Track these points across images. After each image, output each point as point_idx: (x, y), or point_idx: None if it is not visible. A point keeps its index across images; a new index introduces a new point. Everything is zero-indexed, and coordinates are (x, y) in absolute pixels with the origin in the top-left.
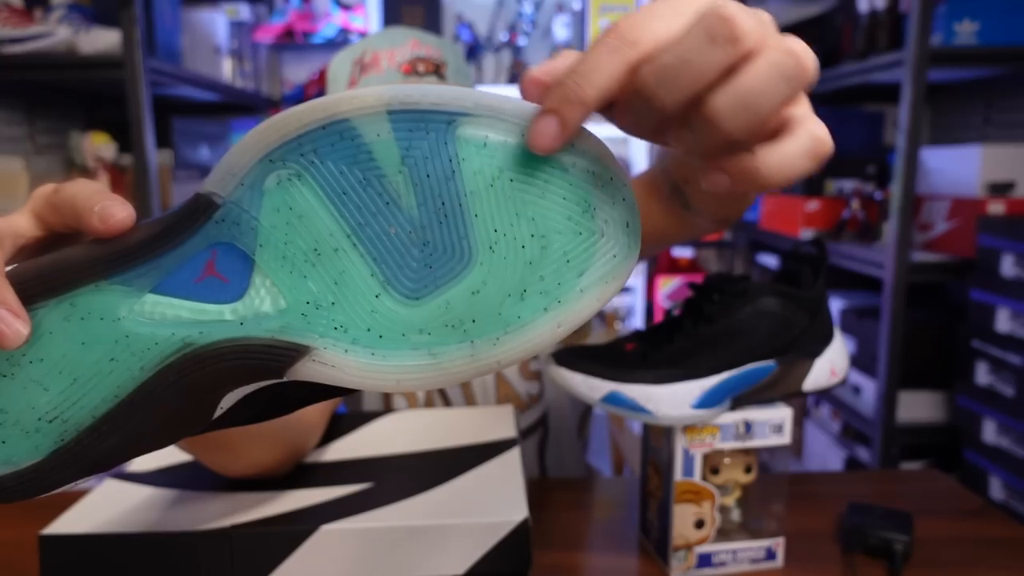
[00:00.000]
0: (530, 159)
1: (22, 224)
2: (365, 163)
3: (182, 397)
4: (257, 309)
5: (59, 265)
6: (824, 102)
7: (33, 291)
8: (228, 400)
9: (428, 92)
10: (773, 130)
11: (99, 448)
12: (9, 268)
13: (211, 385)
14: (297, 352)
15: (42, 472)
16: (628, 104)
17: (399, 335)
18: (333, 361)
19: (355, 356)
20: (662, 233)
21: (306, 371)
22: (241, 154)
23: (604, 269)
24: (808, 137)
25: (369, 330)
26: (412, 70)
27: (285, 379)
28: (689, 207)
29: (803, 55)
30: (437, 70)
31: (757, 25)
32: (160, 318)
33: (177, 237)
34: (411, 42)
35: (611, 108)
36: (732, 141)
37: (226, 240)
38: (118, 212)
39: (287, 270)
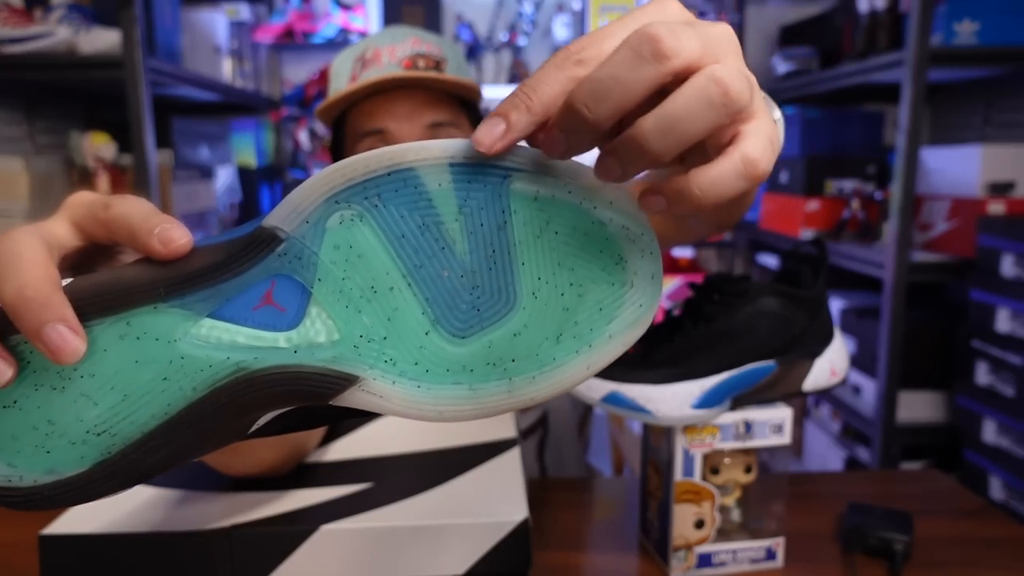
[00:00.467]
0: (573, 214)
1: (62, 234)
2: (425, 209)
3: (228, 416)
4: (311, 339)
5: (118, 285)
6: (824, 102)
7: (90, 308)
8: (266, 418)
9: None
10: (714, 148)
11: (144, 462)
12: (65, 283)
13: (258, 407)
14: (347, 381)
15: (84, 482)
16: (564, 122)
17: (444, 370)
18: (381, 392)
19: (401, 388)
20: (662, 237)
21: (353, 399)
22: (308, 193)
23: (631, 317)
24: (740, 159)
25: (416, 364)
26: (413, 65)
27: (333, 406)
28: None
29: (730, 83)
30: (437, 66)
31: (693, 44)
32: (216, 342)
33: (239, 266)
34: (412, 39)
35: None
36: (659, 163)
37: (286, 272)
38: (179, 236)
39: (343, 304)
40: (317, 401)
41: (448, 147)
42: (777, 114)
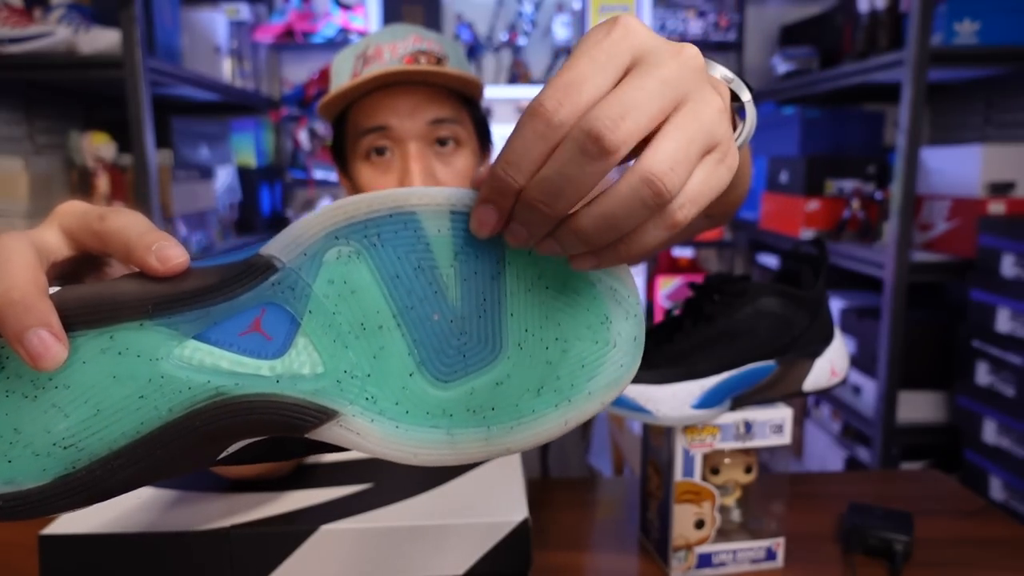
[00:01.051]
0: (564, 271)
1: (53, 242)
2: (422, 253)
3: (200, 441)
4: (295, 370)
5: (107, 297)
6: (824, 102)
7: (75, 318)
8: (237, 446)
9: None
10: None
11: (107, 480)
12: (52, 291)
13: (232, 434)
14: (326, 416)
15: (44, 496)
16: (523, 216)
17: (424, 413)
18: (358, 429)
19: (380, 426)
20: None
21: (330, 434)
22: (309, 227)
23: (611, 376)
24: (638, 178)
25: (397, 404)
26: (414, 61)
27: (305, 437)
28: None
29: (663, 180)
30: (439, 63)
31: (640, 123)
32: (198, 364)
33: (231, 291)
34: (413, 37)
35: None
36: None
37: (278, 301)
38: (177, 255)
39: (331, 338)
40: (293, 433)
41: (451, 195)
42: (746, 96)
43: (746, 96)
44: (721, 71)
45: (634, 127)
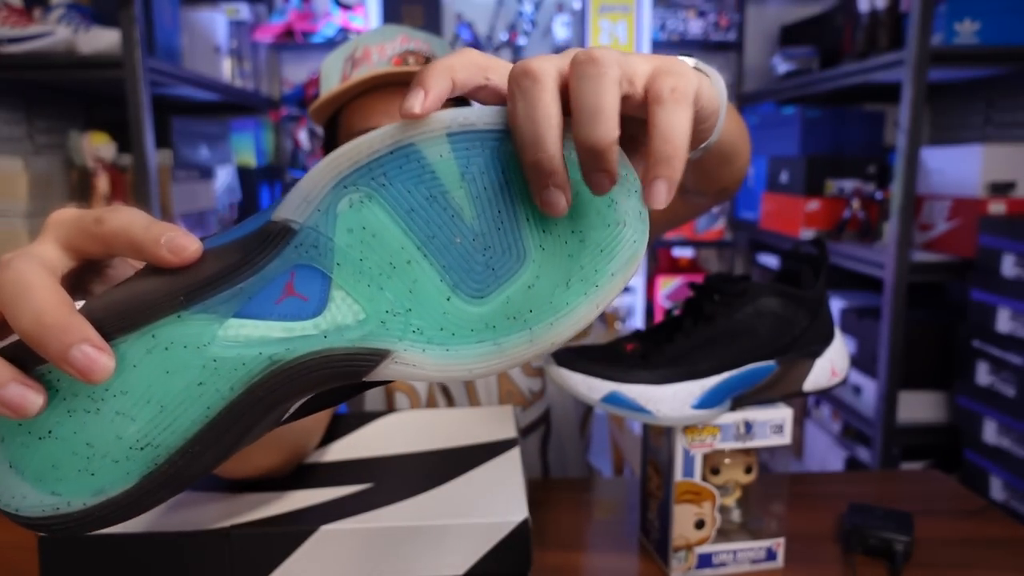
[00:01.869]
0: (567, 165)
1: (53, 256)
2: (430, 182)
3: (266, 408)
4: (338, 322)
5: (135, 299)
6: (824, 102)
7: (111, 327)
8: (300, 401)
9: (482, 113)
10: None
11: (191, 467)
12: (78, 306)
13: (295, 394)
14: (380, 356)
15: (135, 497)
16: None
17: (468, 331)
18: (413, 361)
19: (432, 354)
20: (674, 213)
21: (388, 372)
22: (316, 182)
23: (628, 253)
24: (658, 97)
25: (442, 329)
26: (403, 62)
27: (365, 381)
28: (685, 188)
29: (593, 53)
30: (427, 62)
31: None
32: (245, 340)
33: (257, 263)
34: (401, 37)
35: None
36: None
37: (304, 262)
38: (189, 243)
39: (364, 284)
40: (352, 379)
41: (444, 118)
42: (710, 71)
43: (691, 62)
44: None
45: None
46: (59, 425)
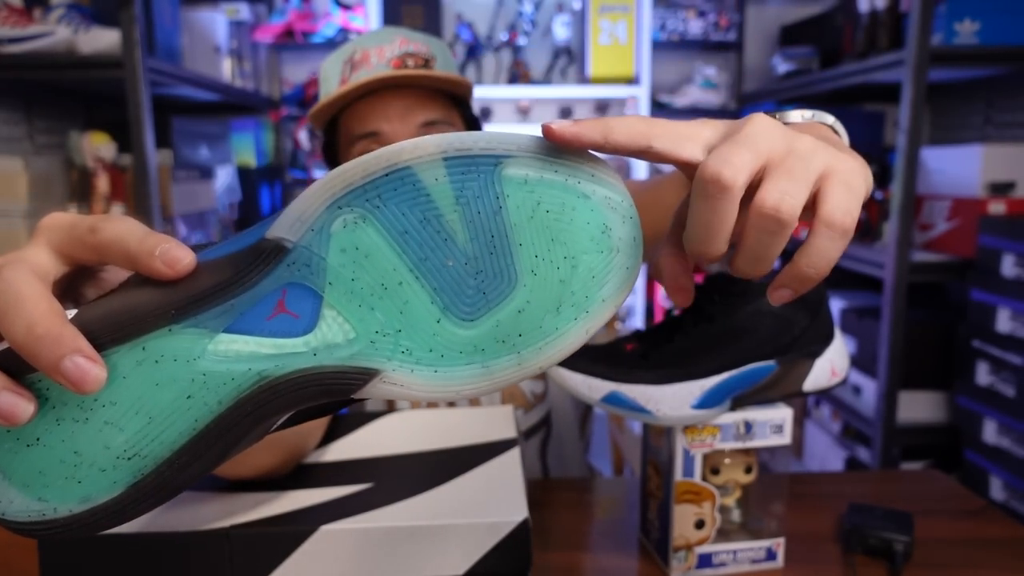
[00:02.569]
0: (560, 192)
1: (45, 262)
2: (424, 204)
3: (254, 422)
4: (328, 340)
5: (127, 311)
6: (824, 102)
7: (102, 337)
8: (288, 415)
9: (478, 139)
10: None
11: (177, 478)
12: (70, 315)
13: (283, 408)
14: (368, 375)
15: (121, 506)
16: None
17: (457, 353)
18: (401, 381)
19: (420, 375)
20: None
21: (375, 391)
22: (310, 202)
23: (620, 280)
24: (825, 228)
25: (431, 351)
26: (402, 64)
27: (352, 398)
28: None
29: (780, 206)
30: (427, 64)
31: (748, 163)
32: (235, 355)
33: (249, 280)
34: (399, 39)
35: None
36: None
37: (296, 280)
38: (183, 256)
39: (356, 304)
40: (340, 397)
41: (441, 142)
42: (840, 129)
43: (829, 120)
44: (797, 115)
45: (745, 165)
46: (47, 433)
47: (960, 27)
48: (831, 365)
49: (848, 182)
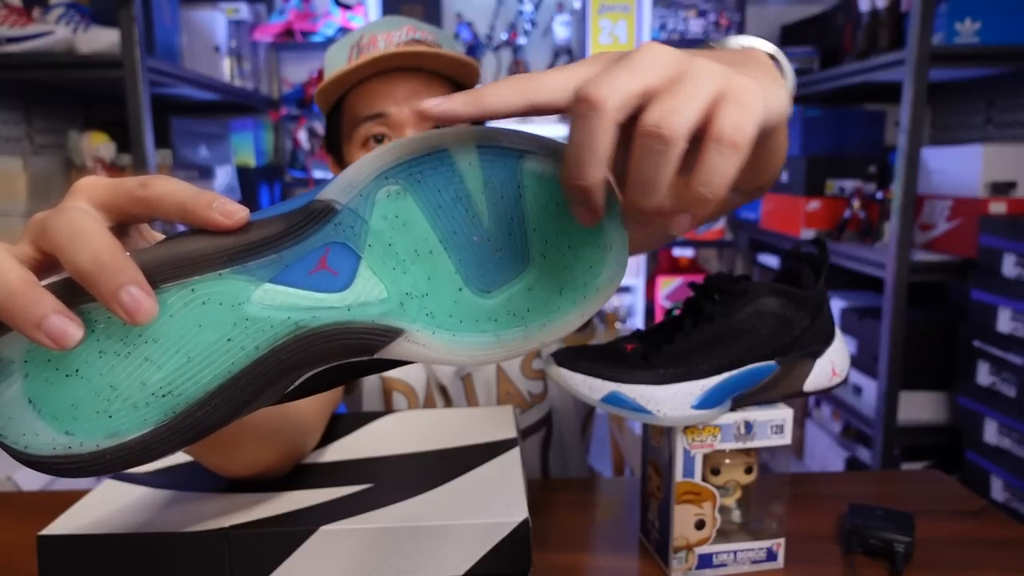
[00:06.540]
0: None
1: (94, 214)
2: (457, 185)
3: (282, 373)
4: (362, 298)
5: (183, 254)
6: (825, 101)
7: (156, 275)
8: (308, 374)
9: (508, 134)
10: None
11: (205, 421)
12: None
13: (312, 362)
14: (394, 334)
15: (147, 444)
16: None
17: (474, 321)
18: (423, 341)
19: (440, 338)
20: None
21: (399, 350)
22: (360, 171)
23: (611, 273)
24: (715, 143)
25: (451, 316)
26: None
27: (375, 357)
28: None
29: (662, 121)
30: None
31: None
32: (277, 304)
33: (298, 235)
34: (407, 27)
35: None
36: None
37: (340, 240)
38: (238, 208)
39: (390, 266)
40: (366, 354)
41: (477, 132)
42: (781, 59)
43: (768, 48)
44: (734, 42)
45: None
46: (87, 364)
47: (961, 27)
48: (832, 365)
49: (741, 100)
